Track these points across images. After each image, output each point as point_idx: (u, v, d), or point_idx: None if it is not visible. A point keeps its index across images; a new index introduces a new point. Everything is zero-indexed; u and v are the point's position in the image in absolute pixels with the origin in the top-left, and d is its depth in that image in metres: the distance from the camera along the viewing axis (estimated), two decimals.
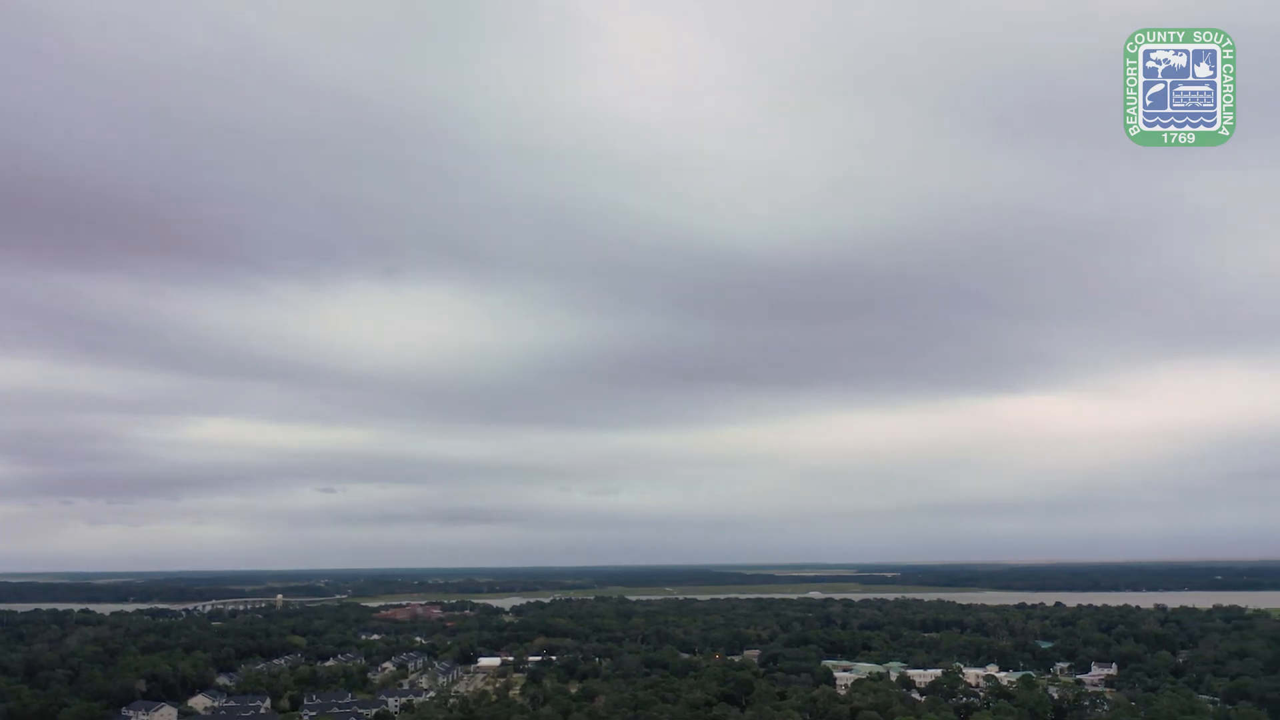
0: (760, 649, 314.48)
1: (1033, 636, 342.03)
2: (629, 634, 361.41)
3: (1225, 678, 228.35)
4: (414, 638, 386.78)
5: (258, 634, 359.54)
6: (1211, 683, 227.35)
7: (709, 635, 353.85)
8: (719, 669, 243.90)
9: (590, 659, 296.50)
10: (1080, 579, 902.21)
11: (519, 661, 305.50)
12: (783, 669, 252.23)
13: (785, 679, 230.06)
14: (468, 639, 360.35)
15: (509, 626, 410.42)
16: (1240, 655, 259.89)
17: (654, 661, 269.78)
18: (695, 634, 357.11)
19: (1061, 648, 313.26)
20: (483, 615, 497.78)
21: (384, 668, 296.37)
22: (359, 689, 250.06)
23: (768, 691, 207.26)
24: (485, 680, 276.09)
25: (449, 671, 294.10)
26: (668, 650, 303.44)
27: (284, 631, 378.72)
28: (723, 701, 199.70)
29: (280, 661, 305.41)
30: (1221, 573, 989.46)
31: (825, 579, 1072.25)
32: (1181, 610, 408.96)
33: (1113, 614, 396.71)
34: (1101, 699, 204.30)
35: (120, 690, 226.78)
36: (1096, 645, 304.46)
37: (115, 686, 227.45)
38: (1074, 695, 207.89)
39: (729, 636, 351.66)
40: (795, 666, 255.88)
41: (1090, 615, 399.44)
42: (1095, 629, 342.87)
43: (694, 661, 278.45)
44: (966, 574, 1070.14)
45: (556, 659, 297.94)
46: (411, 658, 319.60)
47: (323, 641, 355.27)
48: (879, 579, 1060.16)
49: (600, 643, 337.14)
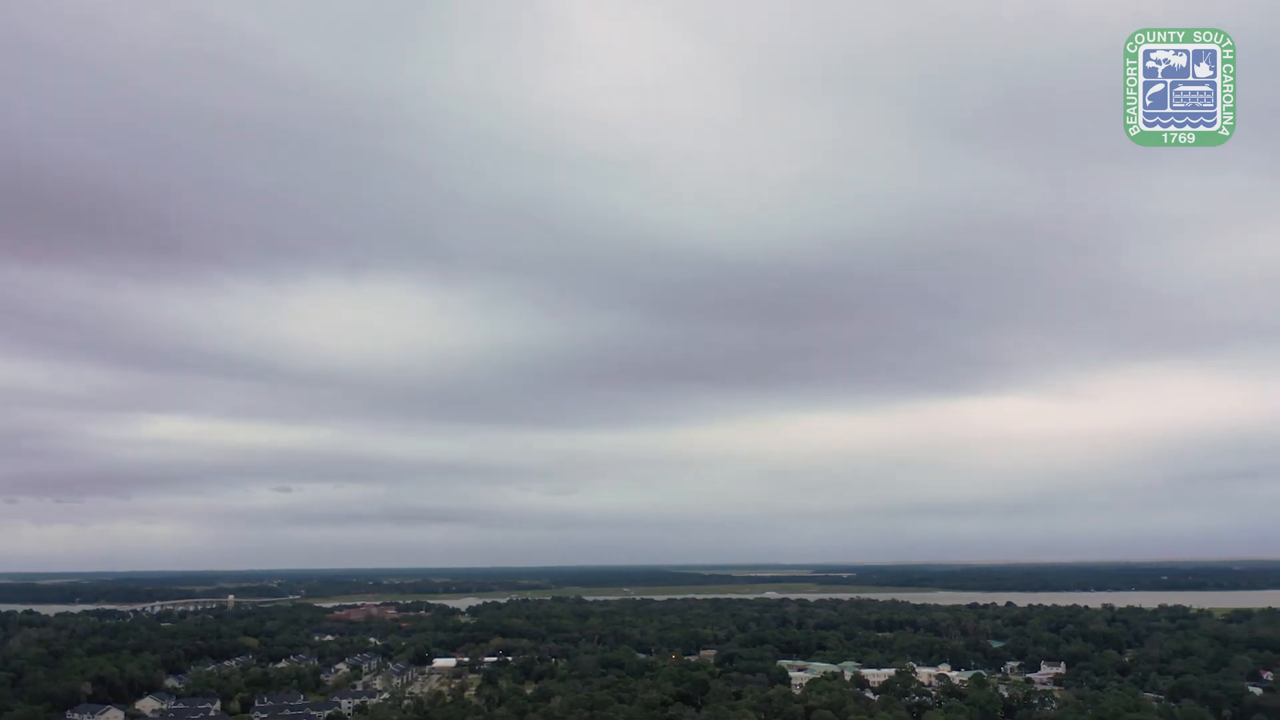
0: (716, 649, 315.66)
1: (984, 636, 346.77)
2: (586, 634, 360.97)
3: (1170, 676, 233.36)
4: (368, 639, 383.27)
5: (208, 635, 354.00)
6: (1156, 681, 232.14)
7: (666, 635, 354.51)
8: (675, 669, 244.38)
9: (546, 659, 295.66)
10: (1032, 579, 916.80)
11: (474, 662, 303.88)
12: (738, 669, 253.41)
13: (741, 679, 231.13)
14: (423, 640, 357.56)
15: (465, 627, 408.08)
16: (1184, 654, 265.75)
17: (610, 662, 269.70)
18: (652, 634, 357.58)
19: (1012, 647, 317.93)
20: (438, 616, 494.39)
21: (338, 669, 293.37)
22: (312, 690, 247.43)
23: (723, 691, 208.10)
24: (440, 681, 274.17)
25: (403, 673, 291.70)
26: (624, 650, 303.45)
27: (235, 633, 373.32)
28: (678, 701, 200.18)
29: (231, 663, 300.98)
30: (1168, 573, 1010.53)
31: (782, 579, 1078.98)
32: (1128, 610, 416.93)
33: (1062, 614, 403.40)
34: (1050, 697, 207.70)
35: (65, 693, 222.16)
36: (1046, 644, 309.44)
37: (60, 689, 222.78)
38: (1023, 694, 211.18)
39: (685, 637, 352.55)
40: (751, 666, 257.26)
41: (1040, 615, 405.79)
42: (1045, 628, 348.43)
43: (650, 662, 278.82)
44: (921, 574, 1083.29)
45: (512, 659, 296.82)
46: (366, 659, 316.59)
47: (275, 643, 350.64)
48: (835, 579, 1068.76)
49: (557, 643, 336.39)
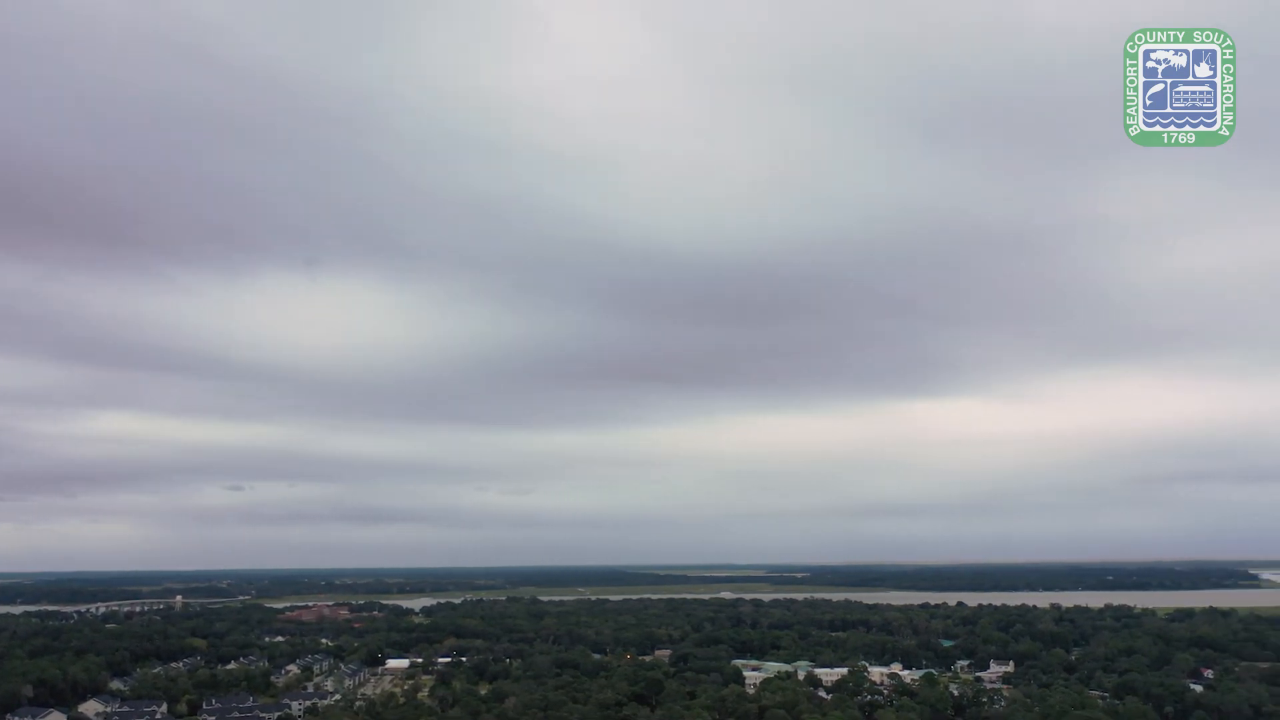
0: (671, 649, 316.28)
1: (935, 635, 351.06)
2: (540, 635, 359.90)
3: (1114, 674, 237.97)
4: (320, 639, 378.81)
5: (155, 636, 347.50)
6: (1102, 679, 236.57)
7: (621, 635, 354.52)
8: (630, 669, 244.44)
9: (501, 660, 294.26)
10: (982, 579, 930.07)
11: (428, 663, 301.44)
12: (693, 669, 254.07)
13: (695, 679, 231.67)
14: (376, 640, 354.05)
15: (418, 628, 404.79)
16: (1128, 652, 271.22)
17: (565, 662, 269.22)
18: (607, 634, 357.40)
19: (962, 646, 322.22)
20: (391, 616, 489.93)
21: (288, 670, 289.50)
22: (262, 692, 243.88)
23: (678, 691, 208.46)
24: (393, 682, 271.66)
25: (356, 674, 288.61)
26: (579, 651, 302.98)
27: (183, 634, 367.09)
28: (633, 701, 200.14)
29: (179, 665, 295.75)
30: (1114, 574, 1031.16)
31: (737, 579, 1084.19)
32: (1075, 609, 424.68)
33: (1011, 613, 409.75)
34: (999, 695, 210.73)
35: (5, 696, 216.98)
36: (995, 643, 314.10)
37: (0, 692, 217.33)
38: (973, 692, 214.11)
39: (640, 637, 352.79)
40: (705, 666, 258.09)
41: (990, 615, 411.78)
42: (994, 628, 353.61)
43: (605, 662, 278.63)
44: (874, 574, 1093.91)
45: (466, 660, 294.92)
46: (317, 660, 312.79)
47: (224, 644, 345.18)
48: (789, 579, 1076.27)
49: (511, 643, 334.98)
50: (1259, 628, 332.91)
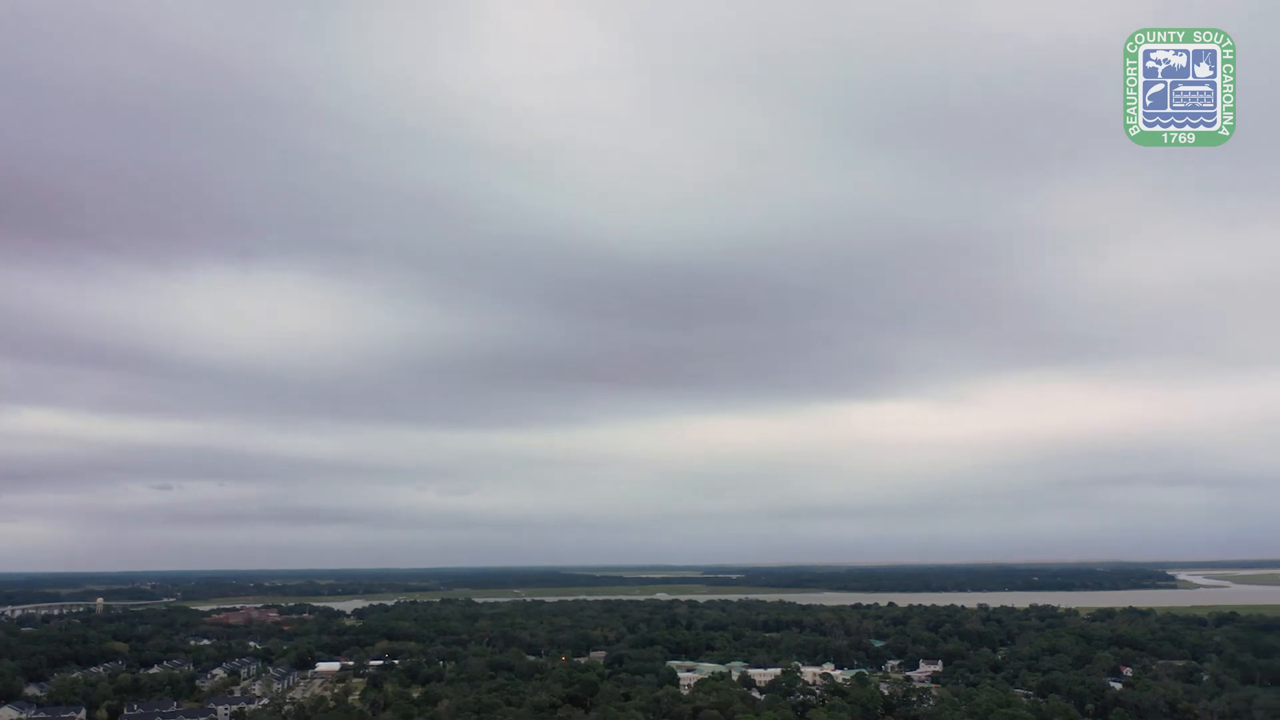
0: (607, 650, 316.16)
1: (867, 635, 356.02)
2: (475, 637, 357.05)
3: (1038, 673, 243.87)
4: (247, 642, 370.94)
5: (74, 640, 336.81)
6: (1026, 677, 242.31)
7: (556, 637, 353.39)
8: (565, 671, 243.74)
9: (434, 662, 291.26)
10: (913, 580, 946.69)
11: (359, 666, 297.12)
12: (628, 670, 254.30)
13: (630, 680, 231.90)
14: (305, 643, 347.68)
15: (350, 630, 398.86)
16: (1052, 651, 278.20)
17: (500, 664, 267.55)
18: (542, 636, 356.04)
19: (893, 646, 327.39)
20: (322, 619, 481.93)
21: (214, 674, 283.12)
22: (186, 697, 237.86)
23: (612, 693, 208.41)
24: (323, 686, 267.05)
25: (284, 677, 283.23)
26: (514, 653, 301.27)
27: (104, 637, 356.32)
28: (568, 703, 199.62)
29: (99, 669, 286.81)
30: (1039, 574, 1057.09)
31: (673, 580, 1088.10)
32: (1001, 610, 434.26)
33: (940, 614, 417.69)
34: (928, 694, 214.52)
35: None
36: (925, 643, 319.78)
37: None
38: (903, 691, 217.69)
39: (576, 638, 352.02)
40: (640, 667, 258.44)
41: (920, 615, 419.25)
42: (924, 628, 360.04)
43: (540, 664, 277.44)
44: (808, 575, 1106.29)
45: (399, 663, 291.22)
46: (244, 663, 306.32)
47: (147, 648, 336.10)
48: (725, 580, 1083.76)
49: (445, 646, 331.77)
50: (1175, 627, 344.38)
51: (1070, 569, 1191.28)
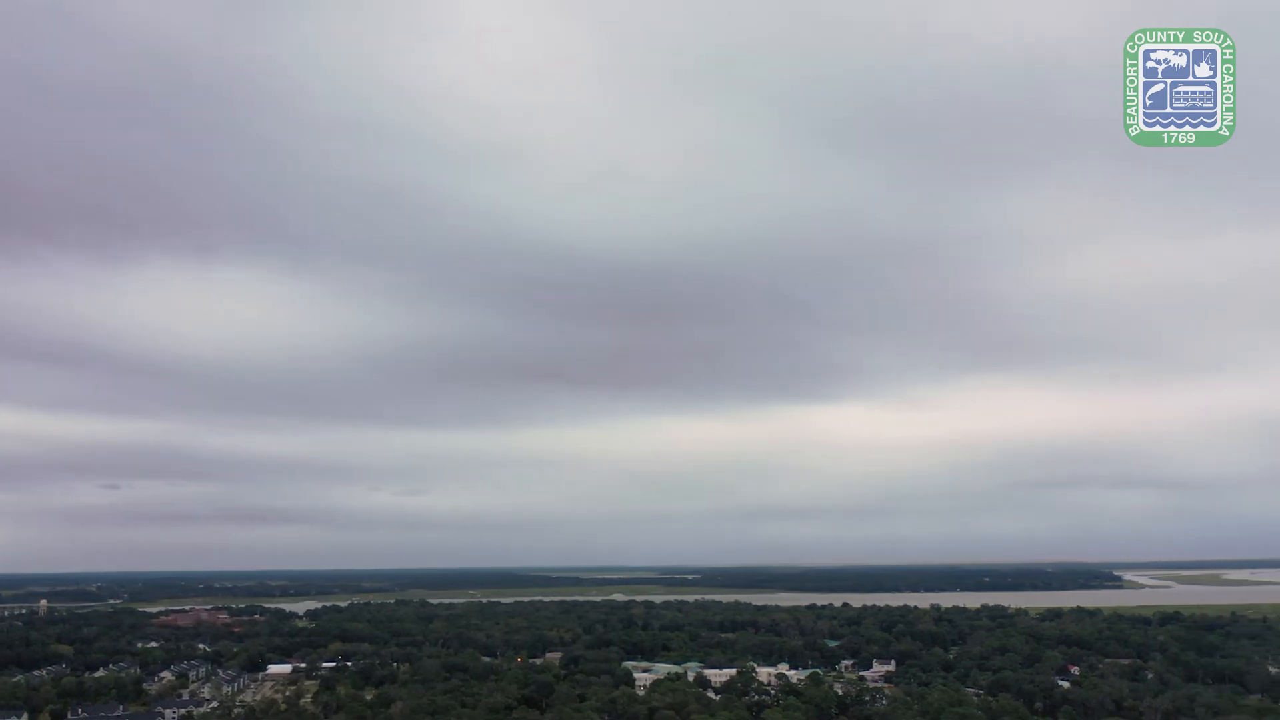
0: (562, 651, 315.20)
1: (821, 636, 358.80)
2: (429, 638, 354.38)
3: (989, 672, 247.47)
4: (196, 645, 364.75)
5: (16, 643, 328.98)
6: (977, 677, 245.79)
7: (512, 638, 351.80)
8: (520, 672, 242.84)
9: (388, 664, 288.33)
10: (867, 581, 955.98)
11: (312, 668, 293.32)
12: (584, 671, 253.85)
13: (586, 681, 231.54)
14: (257, 645, 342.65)
15: (302, 632, 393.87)
16: (1002, 651, 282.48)
17: (454, 666, 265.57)
18: (498, 637, 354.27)
19: (847, 646, 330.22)
20: (274, 620, 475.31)
21: (162, 677, 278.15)
22: (132, 700, 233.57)
23: (568, 694, 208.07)
24: (274, 688, 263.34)
25: (235, 680, 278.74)
26: (469, 654, 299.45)
27: (47, 640, 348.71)
28: (523, 705, 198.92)
29: (42, 673, 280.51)
30: (990, 575, 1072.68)
31: (629, 581, 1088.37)
32: (953, 610, 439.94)
33: (894, 614, 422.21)
34: (881, 694, 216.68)
35: None
36: (878, 643, 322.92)
37: None
38: (856, 691, 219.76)
39: (532, 639, 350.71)
40: (596, 668, 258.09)
41: (874, 615, 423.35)
42: (877, 628, 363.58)
43: (495, 665, 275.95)
44: (764, 576, 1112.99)
45: (352, 665, 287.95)
46: (193, 666, 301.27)
47: (92, 650, 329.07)
48: (681, 581, 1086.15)
49: (399, 647, 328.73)
50: (1121, 626, 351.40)
51: (1021, 569, 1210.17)
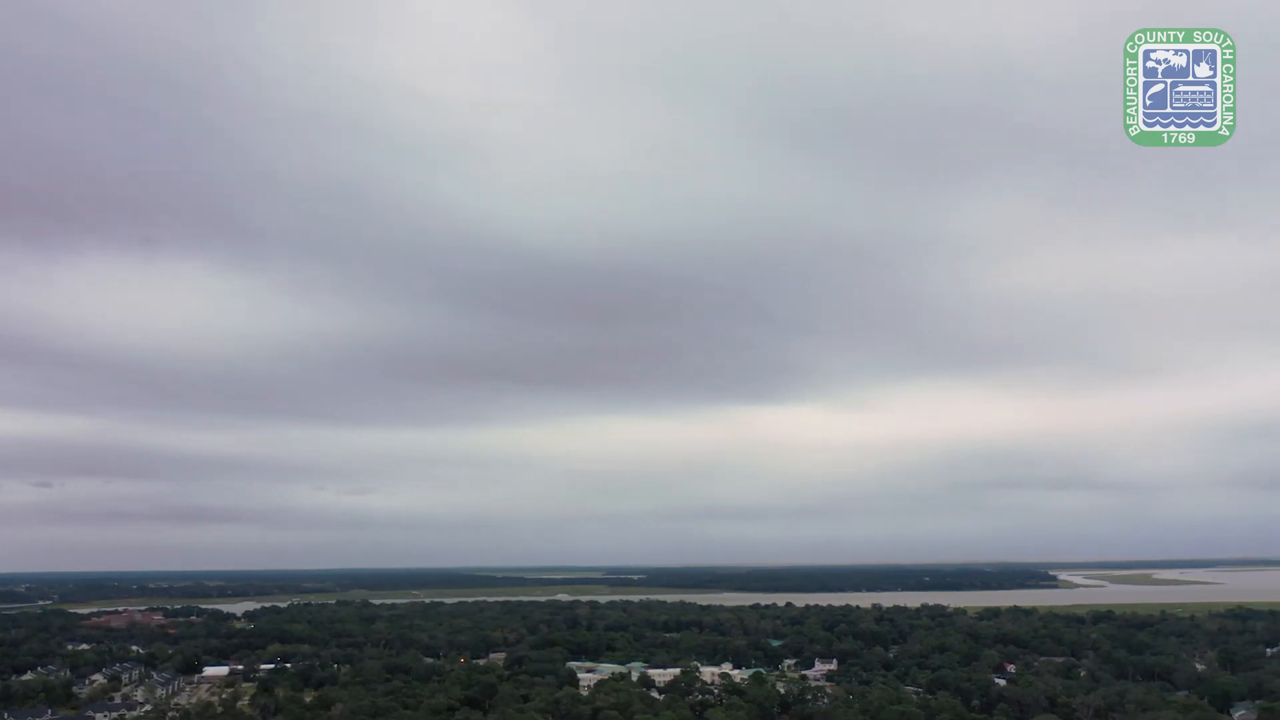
0: (506, 652, 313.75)
1: (765, 635, 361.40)
2: (371, 639, 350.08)
3: (928, 670, 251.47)
4: (130, 647, 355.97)
5: None
6: (917, 675, 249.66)
7: (455, 639, 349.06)
8: (463, 673, 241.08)
9: (328, 665, 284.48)
10: (810, 580, 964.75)
11: (250, 670, 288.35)
12: (528, 671, 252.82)
13: (530, 681, 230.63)
14: (192, 647, 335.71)
15: (240, 633, 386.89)
16: (941, 649, 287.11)
17: (396, 667, 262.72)
18: (441, 638, 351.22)
19: (790, 645, 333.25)
20: (211, 622, 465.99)
21: (93, 680, 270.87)
22: (62, 704, 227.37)
23: (511, 694, 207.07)
24: (210, 691, 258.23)
25: (169, 683, 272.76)
26: (411, 655, 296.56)
27: None
28: (466, 706, 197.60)
29: None
30: (931, 574, 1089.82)
31: (575, 581, 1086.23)
32: (894, 609, 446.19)
33: (836, 613, 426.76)
34: (823, 693, 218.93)
35: None
36: (820, 642, 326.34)
37: None
38: (799, 690, 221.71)
39: (475, 640, 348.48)
40: (540, 669, 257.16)
41: (816, 615, 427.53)
42: (820, 627, 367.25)
43: (438, 666, 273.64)
44: (709, 576, 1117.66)
45: (291, 666, 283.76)
46: (126, 668, 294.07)
47: (19, 653, 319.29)
48: (626, 581, 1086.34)
49: (340, 648, 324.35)
50: (1055, 625, 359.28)
51: (961, 569, 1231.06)
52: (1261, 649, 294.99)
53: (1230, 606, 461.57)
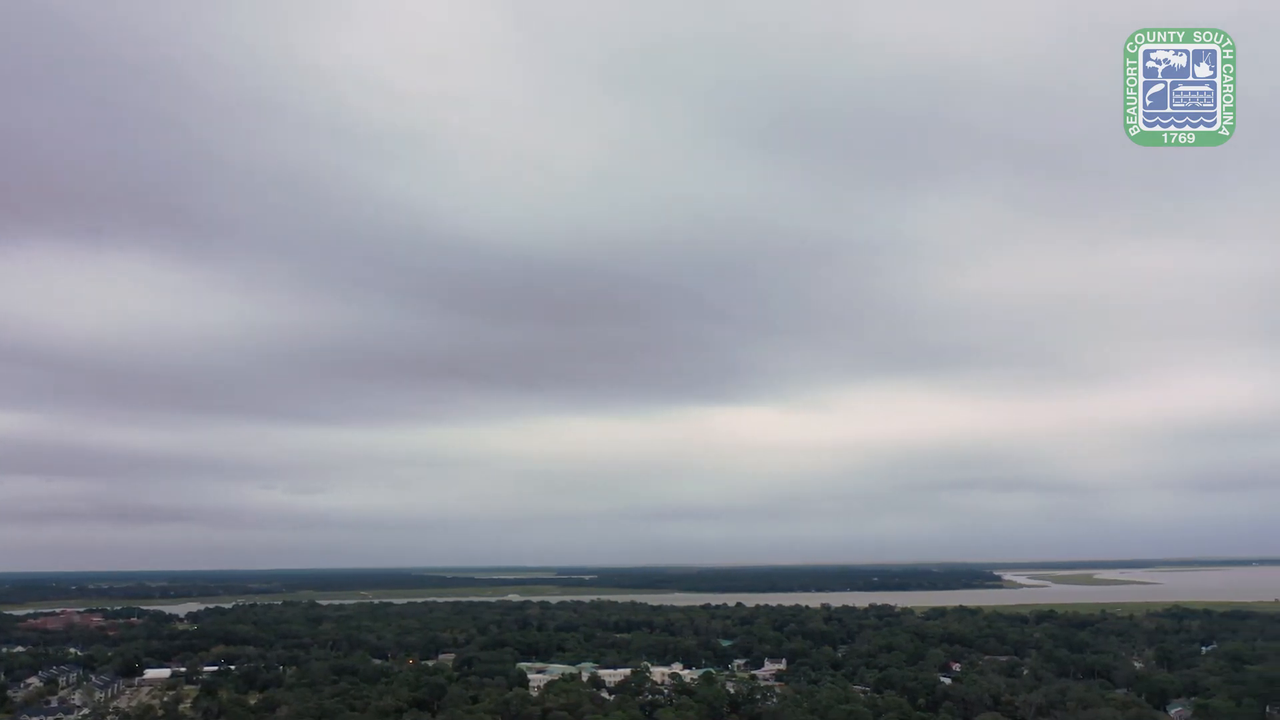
0: (456, 652, 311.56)
1: (715, 635, 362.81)
2: (318, 640, 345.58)
3: (876, 669, 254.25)
4: (67, 649, 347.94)
5: None
6: (864, 674, 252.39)
7: (404, 640, 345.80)
8: (412, 674, 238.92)
9: (274, 667, 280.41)
10: (761, 581, 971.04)
11: (192, 672, 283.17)
12: (477, 672, 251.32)
13: (479, 682, 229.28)
14: (133, 649, 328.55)
15: (183, 635, 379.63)
16: (888, 649, 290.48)
17: (343, 668, 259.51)
18: (389, 639, 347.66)
19: (740, 645, 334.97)
20: (152, 623, 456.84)
21: (28, 683, 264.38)
22: None
23: (460, 695, 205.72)
24: (151, 694, 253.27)
25: (108, 685, 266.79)
26: (359, 656, 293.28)
27: None
28: (414, 708, 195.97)
29: None
30: (879, 575, 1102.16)
31: (526, 581, 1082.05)
32: (843, 609, 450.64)
33: (786, 613, 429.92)
34: (772, 692, 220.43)
35: None
36: (770, 642, 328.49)
37: None
38: (748, 690, 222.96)
39: (424, 641, 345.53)
40: (490, 669, 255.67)
41: (766, 615, 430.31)
42: (770, 627, 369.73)
43: (386, 667, 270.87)
44: (660, 576, 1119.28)
45: (236, 668, 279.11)
46: (63, 671, 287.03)
47: None
48: (577, 581, 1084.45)
49: (286, 650, 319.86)
50: (1000, 624, 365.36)
51: (908, 570, 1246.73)
52: (1197, 647, 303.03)
53: (1167, 606, 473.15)
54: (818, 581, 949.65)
